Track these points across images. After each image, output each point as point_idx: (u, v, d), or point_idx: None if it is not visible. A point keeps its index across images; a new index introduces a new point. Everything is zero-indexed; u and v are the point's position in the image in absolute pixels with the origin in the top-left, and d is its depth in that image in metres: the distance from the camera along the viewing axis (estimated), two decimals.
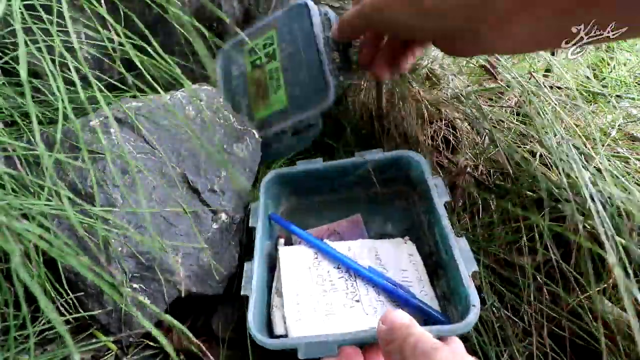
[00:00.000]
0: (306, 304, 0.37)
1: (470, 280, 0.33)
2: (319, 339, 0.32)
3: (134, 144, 0.43)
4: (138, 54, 0.33)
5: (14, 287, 0.31)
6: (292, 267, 0.40)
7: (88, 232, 0.37)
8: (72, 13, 0.41)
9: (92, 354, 0.40)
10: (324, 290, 0.38)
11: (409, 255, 0.41)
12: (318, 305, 0.37)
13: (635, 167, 0.43)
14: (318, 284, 0.38)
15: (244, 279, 0.39)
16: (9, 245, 0.18)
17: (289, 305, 0.37)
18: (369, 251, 0.42)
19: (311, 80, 0.49)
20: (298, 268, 0.40)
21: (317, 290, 0.38)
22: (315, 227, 0.49)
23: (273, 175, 0.48)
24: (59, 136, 0.26)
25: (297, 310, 0.36)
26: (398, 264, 0.40)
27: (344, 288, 0.38)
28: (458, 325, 0.30)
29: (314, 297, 0.37)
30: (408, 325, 0.26)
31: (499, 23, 0.28)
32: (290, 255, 0.42)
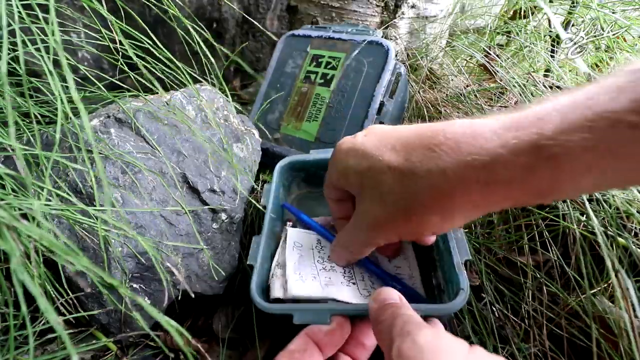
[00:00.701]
0: (307, 273, 0.38)
1: (462, 266, 0.34)
2: (313, 307, 0.34)
3: (134, 143, 0.43)
4: (139, 54, 0.33)
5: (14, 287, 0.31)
6: (296, 245, 0.41)
7: (88, 232, 0.37)
8: (72, 13, 0.41)
9: (92, 354, 0.40)
10: (324, 268, 0.39)
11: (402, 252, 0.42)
12: (318, 277, 0.38)
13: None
14: (319, 263, 0.40)
15: (251, 250, 0.40)
16: (9, 246, 0.18)
17: (291, 270, 0.38)
18: None
19: (344, 134, 0.49)
20: (302, 247, 0.41)
21: (318, 267, 0.39)
22: (324, 217, 0.49)
23: (287, 162, 0.48)
24: (57, 136, 0.26)
25: (299, 273, 0.38)
26: (393, 259, 0.41)
27: (342, 271, 0.39)
28: (445, 306, 0.31)
29: (314, 270, 0.39)
30: (398, 306, 0.27)
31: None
32: (296, 236, 0.42)
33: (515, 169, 0.22)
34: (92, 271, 0.17)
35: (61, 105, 0.25)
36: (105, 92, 0.41)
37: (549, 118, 0.22)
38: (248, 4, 0.85)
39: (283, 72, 0.58)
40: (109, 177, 0.40)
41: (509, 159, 0.22)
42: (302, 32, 0.61)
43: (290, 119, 0.55)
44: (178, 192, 0.43)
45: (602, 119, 0.20)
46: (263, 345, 0.43)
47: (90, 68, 0.41)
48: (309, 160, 0.48)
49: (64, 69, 0.20)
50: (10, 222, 0.19)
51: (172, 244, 0.41)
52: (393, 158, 0.27)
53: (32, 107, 0.31)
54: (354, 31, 0.58)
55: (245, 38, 0.90)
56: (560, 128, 0.21)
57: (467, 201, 0.25)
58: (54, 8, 0.24)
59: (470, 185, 0.24)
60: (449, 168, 0.24)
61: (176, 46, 0.64)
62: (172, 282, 0.41)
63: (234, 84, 0.90)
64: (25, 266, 0.29)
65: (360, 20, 0.73)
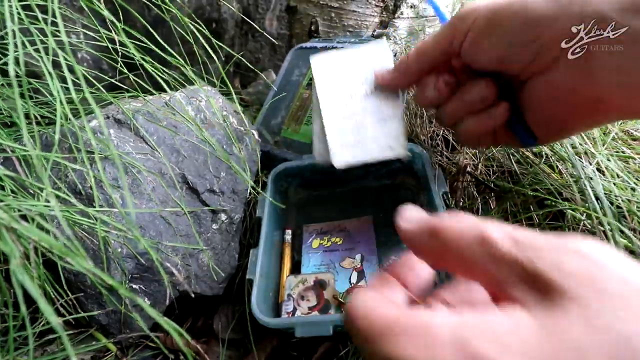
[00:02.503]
0: (347, 127, 0.39)
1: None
2: (314, 319, 0.35)
3: (134, 144, 0.43)
4: (139, 54, 0.33)
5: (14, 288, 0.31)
6: (328, 83, 0.41)
7: (88, 233, 0.37)
8: (71, 14, 0.41)
9: (92, 355, 0.40)
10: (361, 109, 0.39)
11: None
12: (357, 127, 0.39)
13: (635, 167, 0.43)
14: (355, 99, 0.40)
15: (250, 264, 0.41)
16: (9, 247, 0.18)
17: (332, 134, 0.39)
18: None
19: None
20: (335, 81, 0.41)
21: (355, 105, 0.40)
22: (325, 222, 0.49)
23: (282, 169, 0.49)
24: (57, 137, 0.26)
25: (339, 132, 0.39)
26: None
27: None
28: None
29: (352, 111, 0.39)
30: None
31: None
32: (325, 65, 0.42)
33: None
34: (91, 272, 0.17)
35: (60, 106, 0.25)
36: (105, 92, 0.41)
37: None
38: (247, 4, 0.85)
39: (289, 81, 0.61)
40: (108, 178, 0.40)
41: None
42: (309, 45, 0.64)
43: (291, 123, 0.57)
44: (177, 193, 0.43)
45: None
46: (264, 347, 0.43)
47: (89, 69, 0.41)
48: (304, 166, 0.48)
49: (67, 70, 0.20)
50: (9, 224, 0.19)
51: (172, 245, 0.41)
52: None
53: (31, 108, 0.31)
54: (356, 41, 0.60)
55: (245, 38, 0.90)
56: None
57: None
58: (53, 9, 0.24)
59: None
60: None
61: (175, 47, 0.65)
62: (172, 283, 0.41)
63: (234, 85, 0.90)
64: (25, 267, 0.28)
65: (359, 21, 0.73)
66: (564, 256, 0.16)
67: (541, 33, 0.27)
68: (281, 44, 0.88)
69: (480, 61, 0.31)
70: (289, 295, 0.41)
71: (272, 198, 0.46)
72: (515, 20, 0.28)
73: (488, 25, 0.29)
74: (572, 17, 0.26)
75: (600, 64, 0.26)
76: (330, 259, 0.45)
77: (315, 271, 0.44)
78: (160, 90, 0.47)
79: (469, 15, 0.30)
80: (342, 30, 0.74)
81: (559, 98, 0.29)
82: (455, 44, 0.32)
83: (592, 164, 0.41)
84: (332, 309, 0.39)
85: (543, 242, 0.16)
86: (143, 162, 0.42)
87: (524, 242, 0.16)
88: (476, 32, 0.30)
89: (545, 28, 0.27)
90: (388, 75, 0.38)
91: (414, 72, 0.35)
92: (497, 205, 0.47)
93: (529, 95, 0.31)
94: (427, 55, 0.34)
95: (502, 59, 0.30)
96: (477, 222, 0.18)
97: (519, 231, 0.17)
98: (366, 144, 0.38)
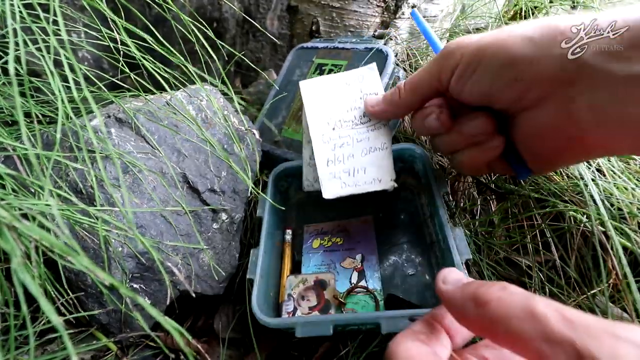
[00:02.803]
0: (336, 157, 0.39)
1: (462, 267, 0.34)
2: (314, 319, 0.34)
3: (134, 143, 0.43)
4: (140, 53, 0.33)
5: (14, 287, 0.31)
6: (316, 106, 0.41)
7: (89, 232, 0.37)
8: (72, 13, 0.41)
9: (93, 354, 0.40)
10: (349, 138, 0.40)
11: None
12: (344, 160, 0.39)
13: (635, 168, 0.43)
14: (344, 124, 0.40)
15: (250, 264, 0.41)
16: (10, 246, 0.18)
17: (322, 163, 0.39)
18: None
19: None
20: (323, 106, 0.41)
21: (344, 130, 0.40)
22: (326, 222, 0.49)
23: (281, 169, 0.49)
24: (58, 136, 0.26)
25: (328, 163, 0.39)
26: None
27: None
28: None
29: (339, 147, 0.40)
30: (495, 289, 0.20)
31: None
32: (313, 90, 0.42)
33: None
34: (92, 271, 0.17)
35: (62, 105, 0.25)
36: (106, 91, 0.41)
37: None
38: (248, 3, 0.85)
39: (290, 81, 0.61)
40: (109, 177, 0.40)
41: None
42: (310, 45, 0.64)
43: (291, 123, 0.57)
44: (178, 192, 0.43)
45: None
46: (264, 347, 0.43)
47: (90, 68, 0.41)
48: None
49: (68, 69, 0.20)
50: (10, 222, 0.19)
51: (172, 244, 0.41)
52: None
53: (33, 107, 0.31)
54: (357, 41, 0.60)
55: (246, 38, 0.90)
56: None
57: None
58: (54, 8, 0.24)
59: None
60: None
61: (176, 46, 0.65)
62: (173, 282, 0.41)
63: (235, 84, 0.90)
64: (26, 266, 0.28)
65: (360, 21, 0.73)
66: (619, 344, 0.16)
67: (522, 73, 0.28)
68: (282, 44, 0.88)
69: (467, 97, 0.32)
70: (289, 295, 0.41)
71: (272, 198, 0.46)
72: (496, 59, 0.28)
73: (472, 63, 0.30)
74: (554, 60, 0.26)
75: (577, 103, 0.27)
76: (331, 258, 0.45)
77: (315, 271, 0.44)
78: (161, 90, 0.47)
79: (455, 51, 0.31)
80: (344, 30, 0.74)
81: (544, 136, 0.30)
82: (443, 80, 0.32)
83: (593, 165, 0.41)
84: (332, 309, 0.39)
85: (597, 325, 0.17)
86: (144, 161, 0.42)
87: (577, 322, 0.17)
88: (462, 69, 0.30)
89: (525, 68, 0.27)
90: (378, 107, 0.39)
91: (407, 105, 0.36)
92: (498, 206, 0.47)
93: (518, 130, 0.32)
94: (419, 89, 0.35)
95: (487, 97, 0.31)
96: (527, 296, 0.19)
97: (570, 310, 0.17)
98: (355, 175, 0.39)
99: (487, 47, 0.29)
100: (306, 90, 0.42)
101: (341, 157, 0.39)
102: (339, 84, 0.41)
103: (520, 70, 0.28)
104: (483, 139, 0.33)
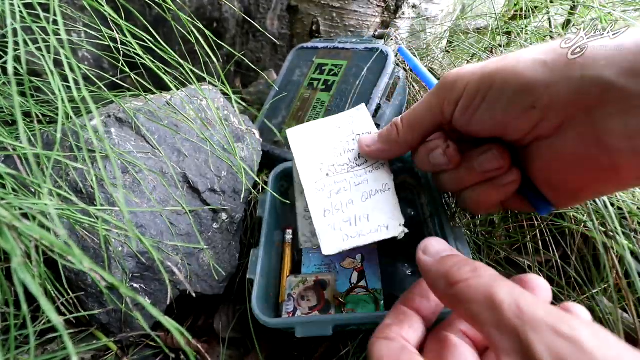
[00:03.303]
0: (335, 210, 0.35)
1: None
2: (315, 319, 0.34)
3: (135, 143, 0.43)
4: (141, 53, 0.33)
5: (15, 286, 0.31)
6: (307, 156, 0.37)
7: (89, 232, 0.37)
8: (72, 12, 0.41)
9: (93, 354, 0.40)
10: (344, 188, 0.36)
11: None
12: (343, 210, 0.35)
13: None
14: (338, 171, 0.37)
15: (250, 263, 0.40)
16: (10, 245, 0.18)
17: (317, 215, 0.34)
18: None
19: None
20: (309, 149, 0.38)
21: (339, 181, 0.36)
22: None
23: (281, 169, 0.49)
24: (58, 136, 0.26)
25: (326, 221, 0.34)
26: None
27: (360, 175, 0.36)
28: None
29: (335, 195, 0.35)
30: (466, 261, 0.22)
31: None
32: (302, 136, 0.39)
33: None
34: (92, 270, 0.17)
35: (62, 104, 0.25)
36: (106, 91, 0.41)
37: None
38: (248, 4, 0.85)
39: (290, 81, 0.61)
40: (109, 177, 0.40)
41: None
42: (310, 45, 0.64)
43: (292, 123, 0.57)
44: (178, 192, 0.43)
45: None
46: (265, 347, 0.43)
47: (90, 68, 0.41)
48: None
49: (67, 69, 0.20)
50: (11, 222, 0.19)
51: (173, 244, 0.41)
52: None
53: (33, 107, 0.31)
54: (357, 41, 0.60)
55: (246, 38, 0.90)
56: None
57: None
58: (54, 8, 0.24)
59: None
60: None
61: (176, 46, 0.65)
62: (173, 282, 0.41)
63: (235, 84, 0.90)
64: (26, 266, 0.28)
65: (361, 21, 0.73)
66: (558, 341, 0.16)
67: (539, 99, 0.25)
68: (282, 44, 0.88)
69: (474, 130, 0.29)
70: (289, 295, 0.41)
71: (272, 198, 0.46)
72: (509, 86, 0.26)
73: (480, 91, 0.27)
74: (572, 82, 0.24)
75: (608, 129, 0.24)
76: (331, 258, 0.45)
77: (315, 271, 0.44)
78: (162, 90, 0.47)
79: (457, 81, 0.28)
80: (344, 30, 0.74)
81: (568, 165, 0.27)
82: (446, 112, 0.30)
83: None
84: (332, 309, 0.39)
85: (545, 319, 0.17)
86: (144, 161, 0.42)
87: (527, 313, 0.18)
88: (469, 99, 0.28)
89: (542, 93, 0.25)
90: (374, 146, 0.35)
91: (406, 143, 0.33)
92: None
93: (534, 160, 0.29)
94: (418, 125, 0.32)
95: (500, 126, 0.28)
96: (491, 281, 0.20)
97: (527, 298, 0.18)
98: (357, 224, 0.34)
99: (495, 73, 0.27)
100: (294, 137, 0.38)
101: (339, 205, 0.35)
102: (328, 127, 0.38)
103: (536, 96, 0.25)
104: (497, 174, 0.30)
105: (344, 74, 0.56)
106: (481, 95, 0.27)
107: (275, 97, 0.61)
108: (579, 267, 0.40)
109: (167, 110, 0.45)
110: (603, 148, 0.24)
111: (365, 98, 0.52)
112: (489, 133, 0.29)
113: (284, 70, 0.64)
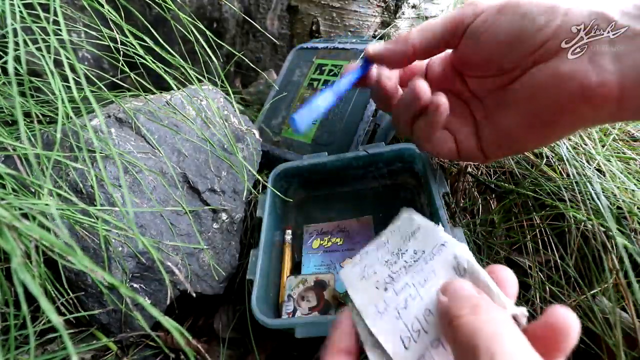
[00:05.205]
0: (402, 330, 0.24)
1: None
2: (314, 320, 0.34)
3: (135, 143, 0.43)
4: (141, 53, 0.33)
5: (14, 286, 0.31)
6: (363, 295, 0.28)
7: (89, 232, 0.37)
8: (72, 12, 0.41)
9: (93, 354, 0.40)
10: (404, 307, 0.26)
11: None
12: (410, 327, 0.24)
13: (635, 168, 0.43)
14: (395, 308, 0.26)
15: (250, 264, 0.40)
16: (10, 245, 0.18)
17: (396, 348, 0.24)
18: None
19: (340, 136, 0.51)
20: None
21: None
22: (325, 223, 0.49)
23: (281, 169, 0.49)
24: (58, 136, 0.26)
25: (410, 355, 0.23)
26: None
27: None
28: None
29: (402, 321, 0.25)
30: (485, 303, 0.20)
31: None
32: (352, 275, 0.30)
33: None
34: (92, 271, 0.17)
35: (62, 104, 0.25)
36: (106, 91, 0.41)
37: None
38: (248, 4, 0.85)
39: (290, 81, 0.61)
40: (109, 177, 0.40)
41: None
42: (310, 45, 0.64)
43: None
44: (178, 192, 0.43)
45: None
46: (264, 347, 0.43)
47: (90, 68, 0.41)
48: (303, 166, 0.48)
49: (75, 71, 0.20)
50: (11, 222, 0.19)
51: (173, 244, 0.41)
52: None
53: (33, 107, 0.31)
54: (357, 41, 0.60)
55: (246, 38, 0.90)
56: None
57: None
58: (55, 8, 0.24)
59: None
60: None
61: (176, 46, 0.65)
62: (173, 282, 0.41)
63: (235, 84, 0.90)
64: (26, 266, 0.28)
65: (361, 21, 0.73)
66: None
67: (554, 18, 0.28)
68: (282, 44, 0.88)
69: (485, 44, 0.31)
70: (289, 296, 0.41)
71: (272, 198, 0.46)
72: (531, 4, 0.29)
73: (502, 8, 0.30)
74: (584, 11, 0.28)
75: (602, 50, 0.27)
76: (331, 259, 0.45)
77: (315, 271, 0.44)
78: (161, 90, 0.47)
79: (479, 1, 0.32)
80: (344, 30, 0.74)
81: (558, 85, 0.30)
82: (467, 21, 0.32)
83: (593, 165, 0.41)
84: (332, 309, 0.39)
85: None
86: (144, 161, 0.42)
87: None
88: (490, 13, 0.31)
89: (559, 13, 0.28)
90: (383, 49, 0.35)
91: (412, 45, 0.34)
92: (498, 206, 0.47)
93: (523, 87, 0.32)
94: (431, 31, 0.34)
95: (503, 49, 0.31)
96: (478, 327, 0.19)
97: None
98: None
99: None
100: (347, 278, 0.30)
101: (417, 323, 0.23)
102: (377, 247, 0.30)
103: (554, 15, 0.29)
104: (422, 101, 0.33)
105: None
106: (504, 10, 0.30)
107: (275, 97, 0.61)
108: (579, 267, 0.40)
109: (167, 110, 0.45)
110: (594, 67, 0.28)
111: (365, 98, 0.52)
112: (487, 58, 0.32)
113: (284, 70, 0.64)
